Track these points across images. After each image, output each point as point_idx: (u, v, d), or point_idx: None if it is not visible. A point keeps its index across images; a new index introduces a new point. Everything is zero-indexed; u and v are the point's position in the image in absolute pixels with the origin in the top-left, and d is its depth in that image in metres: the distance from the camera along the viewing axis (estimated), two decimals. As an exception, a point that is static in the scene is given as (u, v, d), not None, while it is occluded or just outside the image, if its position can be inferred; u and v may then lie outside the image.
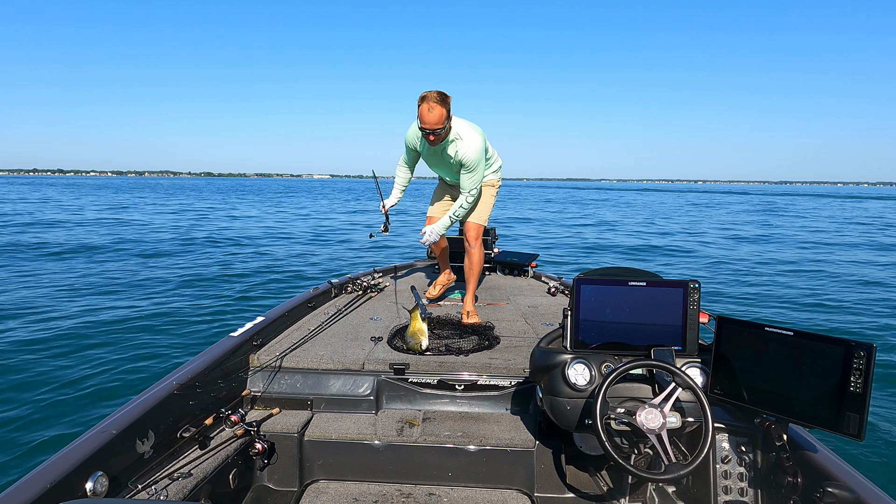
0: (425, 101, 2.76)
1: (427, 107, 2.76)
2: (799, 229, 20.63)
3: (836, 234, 18.71)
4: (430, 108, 2.75)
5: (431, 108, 2.75)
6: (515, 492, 2.12)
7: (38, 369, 4.55)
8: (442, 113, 2.77)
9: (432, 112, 2.75)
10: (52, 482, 1.38)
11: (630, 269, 1.99)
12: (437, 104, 2.76)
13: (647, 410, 1.64)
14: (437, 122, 2.78)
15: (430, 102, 2.75)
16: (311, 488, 2.14)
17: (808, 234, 18.58)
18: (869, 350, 1.39)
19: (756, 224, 23.20)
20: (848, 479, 1.44)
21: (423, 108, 2.77)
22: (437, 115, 2.76)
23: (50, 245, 12.43)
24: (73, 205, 29.53)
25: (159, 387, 1.97)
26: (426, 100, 2.76)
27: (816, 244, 15.69)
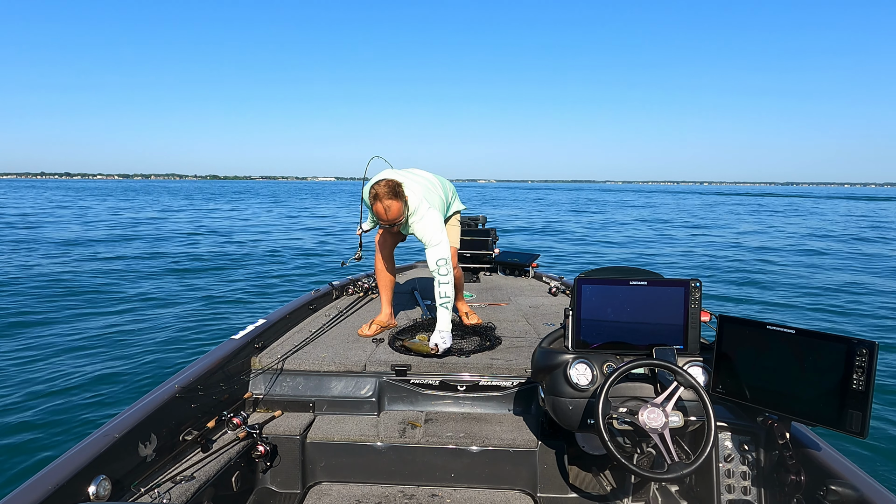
0: (378, 199, 2.57)
1: (383, 207, 2.56)
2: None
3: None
4: (387, 207, 2.56)
5: (388, 207, 2.56)
6: (518, 492, 2.12)
7: (42, 373, 4.56)
8: (399, 206, 2.59)
9: (390, 210, 2.57)
10: (55, 486, 1.39)
11: (631, 268, 1.98)
12: (392, 200, 2.57)
13: (649, 410, 1.64)
14: (396, 218, 2.62)
15: (386, 201, 2.56)
16: (313, 490, 2.14)
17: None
18: (871, 347, 1.38)
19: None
20: (851, 477, 1.44)
21: (377, 207, 2.58)
22: (394, 211, 2.58)
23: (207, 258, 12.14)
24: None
25: (161, 390, 1.97)
26: (379, 198, 2.57)
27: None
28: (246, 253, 12.82)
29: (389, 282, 3.11)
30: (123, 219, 22.50)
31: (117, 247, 13.40)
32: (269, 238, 16.34)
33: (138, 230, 17.71)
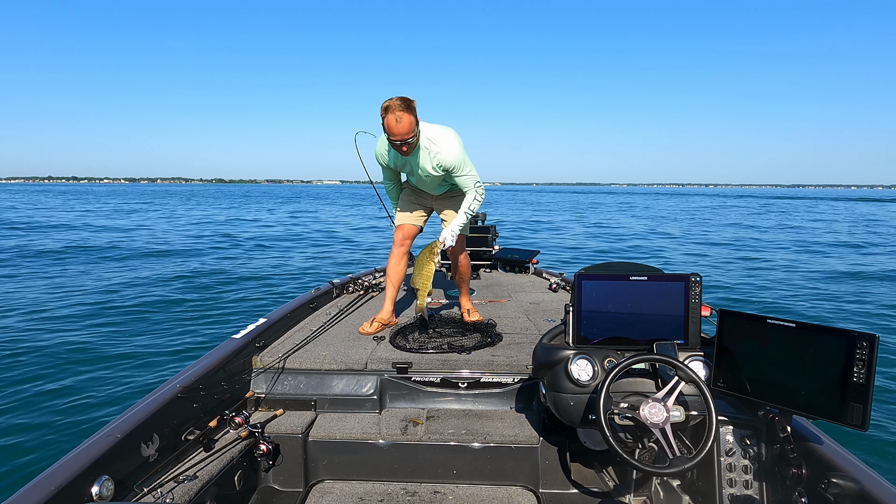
0: (390, 111, 2.50)
1: (394, 117, 2.49)
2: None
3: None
4: (398, 118, 2.48)
5: (399, 117, 2.48)
6: (520, 488, 2.12)
7: (46, 372, 4.56)
8: (411, 120, 2.51)
9: (401, 122, 2.49)
10: (58, 487, 1.39)
11: (631, 263, 1.98)
12: (403, 112, 2.49)
13: (650, 405, 1.64)
14: (407, 132, 2.52)
15: (397, 112, 2.48)
16: (316, 488, 2.14)
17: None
18: (872, 340, 1.39)
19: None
20: (852, 470, 1.44)
21: (389, 119, 2.50)
22: (406, 123, 2.50)
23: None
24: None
25: (163, 390, 1.98)
26: (390, 110, 2.49)
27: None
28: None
29: (399, 280, 3.07)
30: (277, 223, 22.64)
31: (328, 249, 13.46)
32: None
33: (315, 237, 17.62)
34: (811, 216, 30.95)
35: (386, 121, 2.53)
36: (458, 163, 2.70)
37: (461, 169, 2.73)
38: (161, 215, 28.37)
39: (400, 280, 3.08)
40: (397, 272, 3.06)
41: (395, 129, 2.51)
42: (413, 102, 2.55)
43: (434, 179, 2.82)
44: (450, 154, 2.68)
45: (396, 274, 3.06)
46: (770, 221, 25.93)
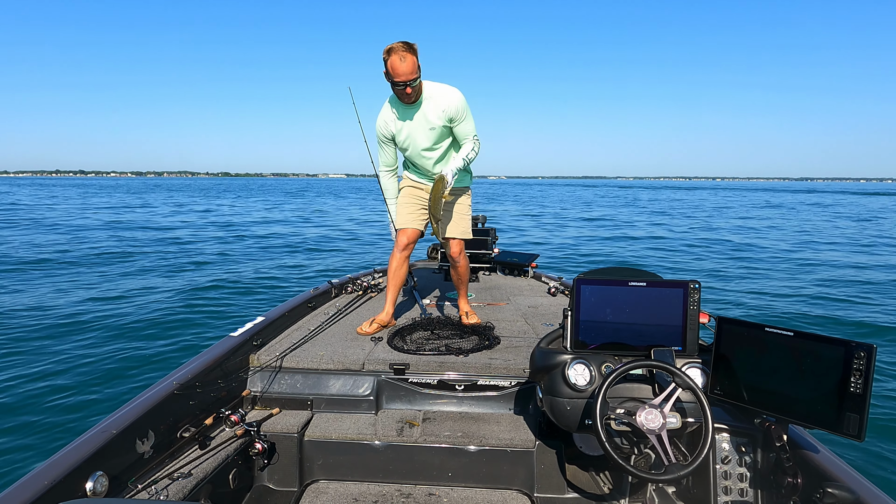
0: (393, 52, 2.48)
1: (398, 57, 2.47)
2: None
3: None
4: (402, 57, 2.47)
5: (403, 57, 2.47)
6: (515, 492, 2.12)
7: (41, 366, 4.56)
8: (414, 61, 2.49)
9: (405, 62, 2.47)
10: (51, 482, 1.38)
11: (630, 268, 1.99)
12: (407, 52, 2.48)
13: (647, 411, 1.64)
14: (411, 72, 2.50)
15: (400, 52, 2.47)
16: (311, 488, 2.14)
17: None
18: (869, 350, 1.39)
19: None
20: (848, 480, 1.44)
21: (393, 59, 2.48)
22: (409, 63, 2.48)
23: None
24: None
25: (159, 387, 1.97)
26: (394, 51, 2.48)
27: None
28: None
29: (400, 283, 3.05)
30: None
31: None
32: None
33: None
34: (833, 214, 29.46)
35: (389, 62, 2.50)
36: (464, 107, 2.71)
37: (465, 114, 2.74)
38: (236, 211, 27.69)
39: (401, 283, 3.05)
40: (399, 275, 3.03)
41: (400, 69, 2.48)
42: (415, 46, 2.52)
43: (436, 135, 2.76)
44: (455, 98, 2.68)
45: (398, 277, 3.02)
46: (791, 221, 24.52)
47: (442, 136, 2.80)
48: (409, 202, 3.03)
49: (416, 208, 3.03)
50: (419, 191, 3.04)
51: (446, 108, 2.69)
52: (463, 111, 2.72)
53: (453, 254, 3.04)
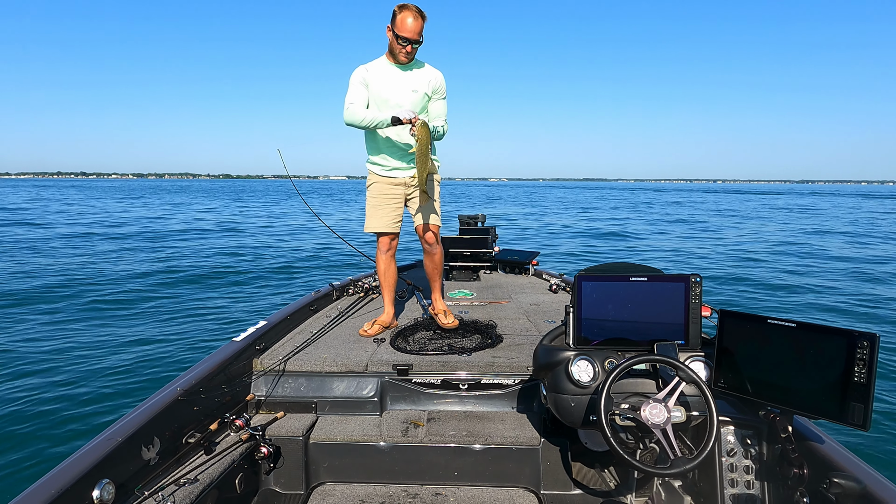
0: (406, 9, 2.52)
1: (412, 15, 2.52)
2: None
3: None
4: (415, 17, 2.52)
5: (416, 17, 2.53)
6: (522, 489, 2.12)
7: (51, 375, 4.56)
8: (422, 26, 2.56)
9: (416, 21, 2.53)
10: (59, 490, 1.39)
11: (631, 264, 1.99)
12: (418, 16, 2.54)
13: (651, 405, 1.64)
14: (419, 33, 2.56)
15: (414, 12, 2.53)
16: (317, 491, 2.14)
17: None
18: (872, 340, 1.39)
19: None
20: (854, 470, 1.44)
21: (406, 15, 2.52)
22: (419, 25, 2.54)
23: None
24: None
25: (164, 393, 1.97)
26: (408, 8, 2.52)
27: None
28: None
29: (393, 281, 3.06)
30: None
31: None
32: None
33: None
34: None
35: (401, 16, 2.53)
36: (445, 87, 2.80)
37: (445, 95, 2.82)
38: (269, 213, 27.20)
39: (394, 282, 3.06)
40: (390, 274, 3.04)
41: (410, 26, 2.53)
42: (424, 13, 2.59)
43: (416, 100, 2.72)
44: (440, 75, 2.78)
45: (390, 276, 3.04)
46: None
47: (420, 104, 2.76)
48: (382, 203, 2.90)
49: (390, 210, 2.91)
50: (392, 187, 2.89)
51: (432, 80, 2.74)
52: (444, 90, 2.80)
53: (427, 239, 2.96)
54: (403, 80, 2.70)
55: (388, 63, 2.72)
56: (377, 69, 2.71)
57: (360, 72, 2.72)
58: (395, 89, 2.69)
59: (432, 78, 2.74)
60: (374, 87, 2.70)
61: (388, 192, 2.90)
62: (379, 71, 2.71)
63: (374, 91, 2.71)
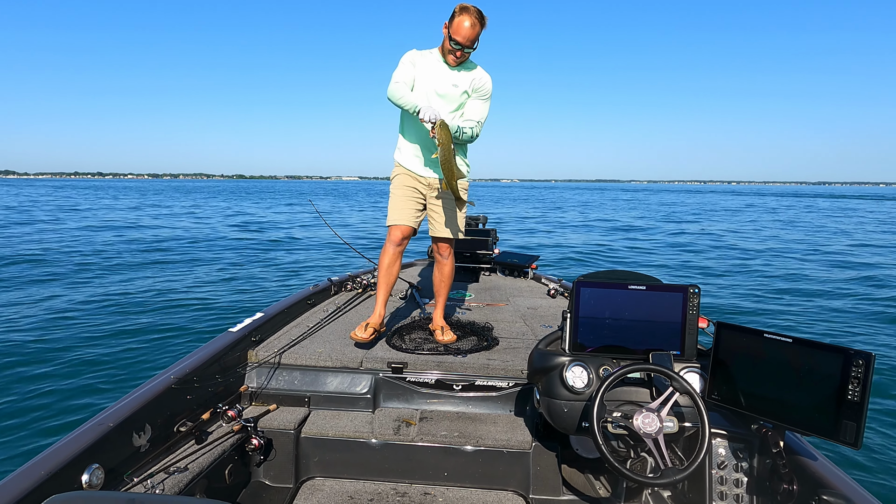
0: (466, 12, 2.41)
1: (469, 21, 2.41)
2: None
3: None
4: (473, 23, 2.42)
5: (474, 24, 2.42)
6: (511, 493, 2.12)
7: (42, 359, 4.56)
8: (478, 33, 2.47)
9: (474, 28, 2.43)
10: (47, 473, 1.39)
11: (630, 272, 1.99)
12: (478, 22, 2.44)
13: (644, 414, 1.64)
14: (474, 40, 2.47)
15: (473, 17, 2.41)
16: (306, 485, 2.14)
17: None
18: (868, 359, 1.39)
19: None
20: (843, 487, 1.44)
21: (462, 19, 2.42)
22: (475, 32, 2.45)
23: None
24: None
25: (157, 380, 1.97)
26: (467, 12, 2.41)
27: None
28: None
29: (392, 281, 2.83)
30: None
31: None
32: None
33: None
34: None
35: (458, 19, 2.43)
36: (490, 90, 2.69)
37: (487, 98, 2.69)
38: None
39: (393, 282, 2.84)
40: (392, 273, 2.80)
41: (465, 32, 2.43)
42: (486, 20, 2.48)
43: (455, 95, 2.63)
44: (488, 78, 2.67)
45: (391, 275, 2.80)
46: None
47: (458, 101, 2.66)
48: (404, 195, 2.77)
49: (413, 203, 2.78)
50: (415, 182, 2.77)
51: (476, 79, 2.65)
52: (487, 93, 2.68)
53: (441, 250, 2.85)
54: (448, 72, 2.62)
55: (439, 57, 2.64)
56: (427, 58, 2.64)
57: (412, 53, 2.66)
58: (437, 80, 2.62)
59: (477, 78, 2.64)
60: (419, 73, 2.63)
61: (410, 184, 2.78)
62: (428, 61, 2.64)
63: (418, 77, 2.64)
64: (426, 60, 2.63)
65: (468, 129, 2.63)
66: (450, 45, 2.49)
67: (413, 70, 2.63)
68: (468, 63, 2.65)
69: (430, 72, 2.62)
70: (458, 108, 2.68)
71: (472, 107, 2.69)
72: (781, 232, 19.25)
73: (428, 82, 2.62)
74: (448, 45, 2.51)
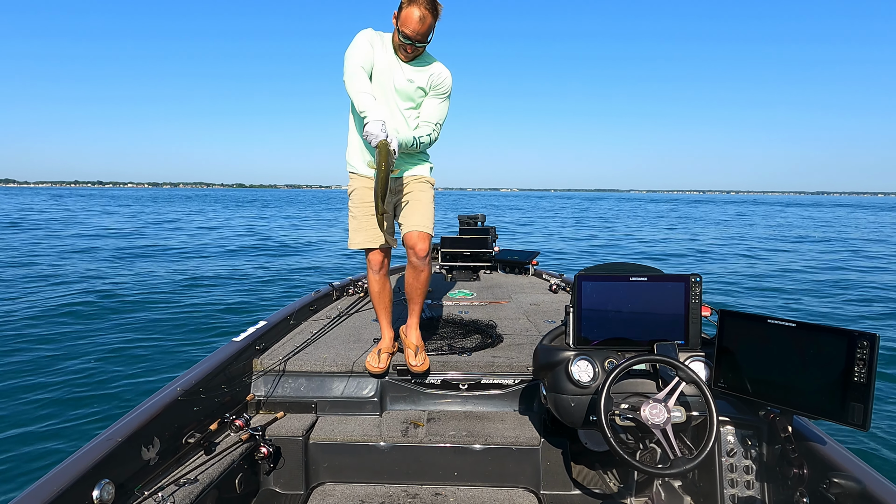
0: (415, 3, 2.07)
1: (419, 12, 2.07)
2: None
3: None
4: (423, 16, 2.08)
5: (424, 16, 2.08)
6: (522, 490, 2.12)
7: (55, 371, 4.56)
8: (431, 25, 2.13)
9: (423, 21, 2.09)
10: (59, 490, 1.39)
11: (631, 264, 1.99)
12: (429, 13, 2.09)
13: (651, 405, 1.64)
14: (423, 34, 2.13)
15: (423, 8, 2.07)
16: (317, 491, 2.14)
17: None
18: (872, 340, 1.39)
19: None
20: (854, 470, 1.44)
21: (410, 11, 2.08)
22: (426, 25, 2.11)
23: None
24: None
25: (164, 393, 1.97)
26: (416, 2, 2.07)
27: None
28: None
29: (389, 301, 2.57)
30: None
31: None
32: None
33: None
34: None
35: (406, 11, 2.09)
36: (449, 88, 2.34)
37: (445, 97, 2.35)
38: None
39: (390, 302, 2.58)
40: (386, 295, 2.54)
41: (413, 24, 2.09)
42: (440, 8, 2.14)
43: (411, 91, 2.28)
44: (447, 74, 2.32)
45: (385, 296, 2.54)
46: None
47: (415, 99, 2.33)
48: (368, 212, 2.37)
49: (373, 217, 2.33)
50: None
51: (435, 75, 2.30)
52: (447, 91, 2.34)
53: (418, 252, 2.34)
54: (404, 67, 2.28)
55: (391, 47, 2.30)
56: (385, 44, 2.28)
57: (368, 33, 2.26)
58: (391, 73, 2.26)
59: (435, 73, 2.30)
60: (377, 60, 2.27)
61: (370, 197, 2.33)
62: (383, 44, 2.28)
63: (375, 65, 2.28)
64: (384, 46, 2.27)
65: (425, 135, 2.33)
66: (399, 39, 2.17)
67: (371, 53, 2.24)
68: (425, 56, 2.32)
69: (386, 61, 2.26)
70: (415, 107, 2.35)
71: (429, 107, 2.34)
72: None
73: (385, 73, 2.26)
74: (397, 39, 2.19)
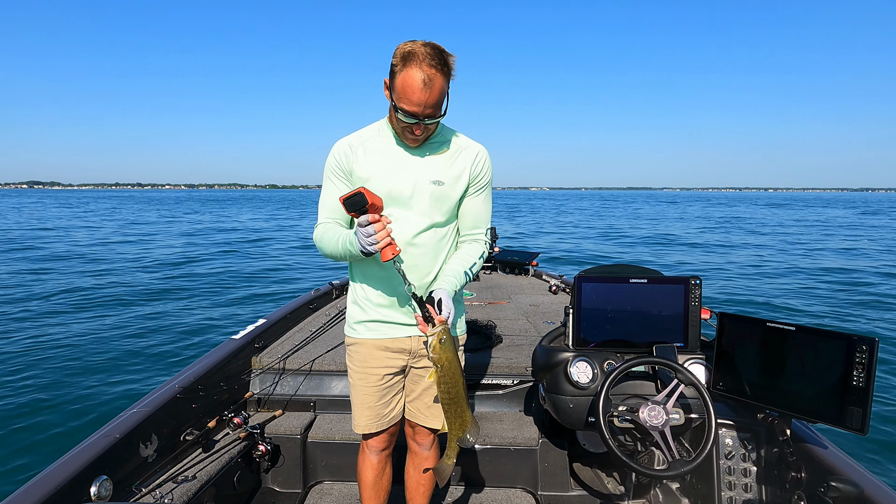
0: (414, 62, 1.33)
1: (423, 74, 1.33)
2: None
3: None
4: (429, 77, 1.33)
5: (430, 77, 1.34)
6: (519, 490, 2.12)
7: (59, 363, 4.56)
8: (443, 86, 1.38)
9: (430, 84, 1.34)
10: (56, 486, 1.39)
11: (631, 266, 1.99)
12: (438, 72, 1.35)
13: (649, 407, 1.64)
14: (437, 101, 1.39)
15: (426, 67, 1.33)
16: (315, 489, 2.14)
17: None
18: (871, 344, 1.39)
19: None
20: (851, 474, 1.44)
21: (410, 74, 1.33)
22: (438, 89, 1.36)
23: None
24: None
25: (162, 390, 1.97)
26: (415, 60, 1.33)
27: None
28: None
29: (384, 496, 1.82)
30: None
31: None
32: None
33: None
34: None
35: (403, 77, 1.35)
36: (489, 171, 1.61)
37: (489, 184, 1.63)
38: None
39: (386, 496, 1.81)
40: (382, 489, 1.78)
41: (419, 96, 1.35)
42: (452, 60, 1.39)
43: (437, 200, 1.53)
44: (484, 154, 1.59)
45: (382, 491, 1.79)
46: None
47: (445, 208, 1.56)
48: (379, 385, 1.64)
49: (394, 388, 1.67)
50: (393, 356, 1.62)
51: (469, 161, 1.56)
52: (489, 175, 1.61)
53: (422, 441, 1.76)
54: (416, 163, 1.52)
55: (391, 133, 1.54)
56: (374, 144, 1.54)
57: (340, 153, 1.54)
58: (403, 178, 1.51)
59: (471, 159, 1.56)
60: (367, 171, 1.51)
61: (387, 362, 1.62)
62: (377, 146, 1.53)
63: (368, 179, 1.50)
64: (374, 150, 1.53)
65: (478, 262, 1.64)
66: (399, 120, 1.43)
67: (350, 180, 1.54)
68: (443, 133, 1.57)
69: (385, 167, 1.51)
70: (449, 215, 1.58)
71: (472, 210, 1.62)
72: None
73: (388, 186, 1.50)
74: (396, 120, 1.46)
